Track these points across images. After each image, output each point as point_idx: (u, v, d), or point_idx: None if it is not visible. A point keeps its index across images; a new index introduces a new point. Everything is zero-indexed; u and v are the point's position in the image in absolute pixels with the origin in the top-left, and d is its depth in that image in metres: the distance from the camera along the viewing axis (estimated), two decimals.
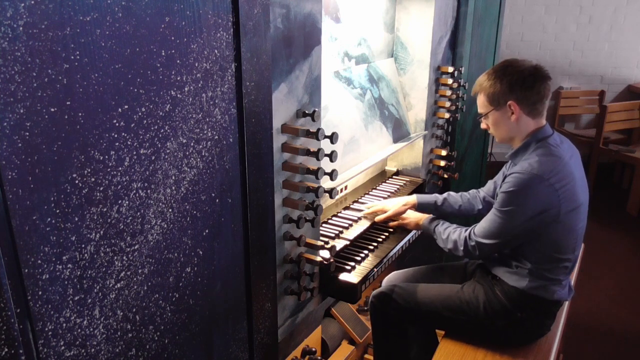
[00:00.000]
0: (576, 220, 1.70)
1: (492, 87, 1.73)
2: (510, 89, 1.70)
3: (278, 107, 1.26)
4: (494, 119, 1.77)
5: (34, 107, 0.71)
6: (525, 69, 1.70)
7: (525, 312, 1.76)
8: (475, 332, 1.85)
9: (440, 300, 1.85)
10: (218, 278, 1.13)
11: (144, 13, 0.84)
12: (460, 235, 1.80)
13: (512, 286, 1.76)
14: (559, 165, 1.64)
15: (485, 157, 3.34)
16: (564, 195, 1.63)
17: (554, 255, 1.71)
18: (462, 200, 2.07)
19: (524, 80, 1.68)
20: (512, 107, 1.71)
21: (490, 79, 1.74)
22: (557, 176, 1.62)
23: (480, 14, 2.68)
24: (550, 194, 1.62)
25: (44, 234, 0.76)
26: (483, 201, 2.06)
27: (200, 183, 1.03)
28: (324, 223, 1.87)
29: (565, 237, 1.70)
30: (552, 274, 1.73)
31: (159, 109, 0.90)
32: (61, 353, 0.82)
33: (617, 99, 5.38)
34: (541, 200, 1.62)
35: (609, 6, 5.14)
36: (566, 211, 1.65)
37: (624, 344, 2.86)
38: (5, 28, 0.66)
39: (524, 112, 1.71)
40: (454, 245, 1.81)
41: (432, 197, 2.07)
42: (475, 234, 1.76)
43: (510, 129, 1.76)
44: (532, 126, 1.74)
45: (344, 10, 1.89)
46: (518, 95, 1.69)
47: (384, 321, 1.95)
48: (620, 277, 3.52)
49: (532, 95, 1.69)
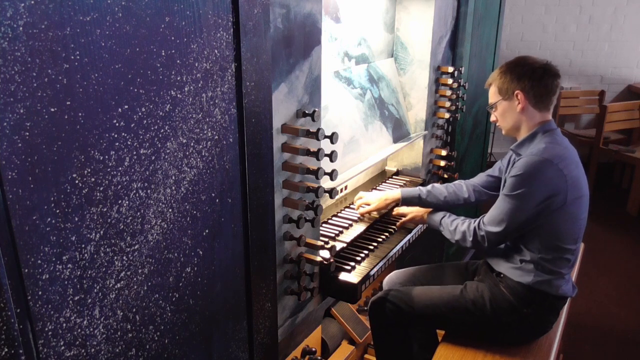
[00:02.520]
0: (580, 210, 1.74)
1: (502, 79, 1.79)
2: (519, 79, 1.75)
3: (278, 107, 1.26)
4: (502, 109, 1.83)
5: (34, 107, 0.71)
6: (536, 63, 1.77)
7: (531, 307, 1.77)
8: (481, 331, 1.84)
9: (444, 303, 1.85)
10: (218, 278, 1.13)
11: (144, 13, 0.84)
12: (469, 226, 1.82)
13: (517, 282, 1.77)
14: (567, 152, 1.70)
15: (485, 157, 3.34)
16: (571, 182, 1.67)
17: (558, 244, 1.74)
18: (447, 192, 2.06)
19: (533, 72, 1.74)
20: (519, 97, 1.76)
21: (501, 71, 1.81)
22: (564, 161, 1.66)
23: (480, 14, 2.68)
24: (559, 178, 1.65)
25: (44, 234, 0.76)
26: (473, 191, 2.07)
27: (200, 183, 1.03)
28: (324, 223, 1.87)
29: (570, 226, 1.73)
30: (556, 266, 1.75)
31: (159, 109, 0.90)
32: (61, 353, 0.82)
33: (617, 99, 5.38)
34: (551, 184, 1.65)
35: (609, 6, 5.14)
36: (572, 198, 1.68)
37: (624, 344, 2.86)
38: (5, 28, 0.66)
39: (530, 103, 1.76)
40: (462, 236, 1.83)
41: (416, 190, 2.07)
42: (484, 223, 1.78)
43: (516, 119, 1.80)
44: (537, 118, 1.78)
45: (344, 10, 1.89)
46: (525, 86, 1.74)
47: (384, 326, 1.95)
48: (620, 277, 3.52)
49: (539, 87, 1.74)
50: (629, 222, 4.38)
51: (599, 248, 3.85)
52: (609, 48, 5.27)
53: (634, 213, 4.46)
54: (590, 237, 3.73)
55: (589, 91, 5.32)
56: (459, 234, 1.84)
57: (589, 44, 5.29)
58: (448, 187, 2.09)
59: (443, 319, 1.87)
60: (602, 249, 3.86)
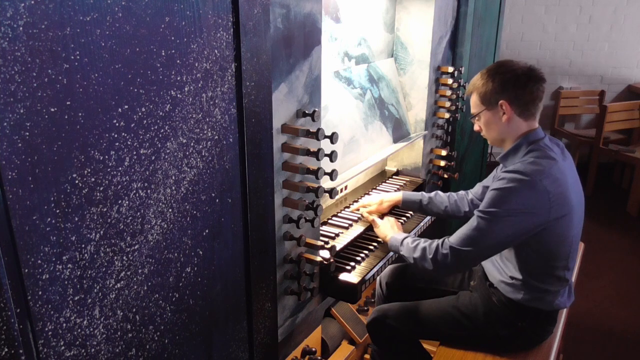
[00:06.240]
0: (567, 228, 1.62)
1: (485, 87, 1.67)
2: (503, 88, 1.63)
3: (278, 107, 1.26)
4: (486, 120, 1.71)
5: (34, 107, 0.71)
6: (519, 69, 1.64)
7: (526, 321, 1.72)
8: (478, 342, 1.81)
9: (438, 317, 1.82)
10: (218, 278, 1.13)
11: (144, 13, 0.84)
12: (431, 244, 1.68)
13: (508, 297, 1.72)
14: (553, 167, 1.56)
15: (485, 157, 3.34)
16: (556, 200, 1.54)
17: (548, 264, 1.65)
18: (448, 202, 2.03)
19: (516, 79, 1.62)
20: (504, 107, 1.64)
21: (482, 78, 1.68)
22: (549, 178, 1.53)
23: (480, 14, 2.68)
24: (541, 197, 1.53)
25: (44, 234, 0.76)
26: (471, 203, 2.01)
27: (200, 183, 1.03)
28: (324, 223, 1.87)
29: (557, 246, 1.63)
30: (547, 284, 1.67)
31: (159, 109, 0.90)
32: (61, 353, 0.82)
33: (617, 99, 5.38)
34: (529, 204, 1.53)
35: (609, 6, 5.14)
36: (556, 217, 1.57)
37: (624, 344, 2.86)
38: (5, 28, 0.66)
39: (516, 112, 1.65)
40: (422, 254, 1.67)
41: (418, 195, 2.04)
42: (449, 240, 1.64)
43: (501, 130, 1.69)
44: (523, 128, 1.67)
45: (344, 10, 1.89)
46: (510, 95, 1.63)
47: (384, 343, 1.95)
48: (620, 277, 3.52)
49: (525, 95, 1.63)
50: (629, 222, 4.38)
51: (599, 248, 3.85)
52: (609, 48, 5.27)
53: (634, 213, 4.46)
54: (590, 237, 3.74)
55: (589, 91, 5.33)
56: (418, 251, 1.68)
57: (589, 44, 5.29)
58: (450, 197, 2.04)
59: (438, 334, 1.85)
60: (602, 249, 3.86)
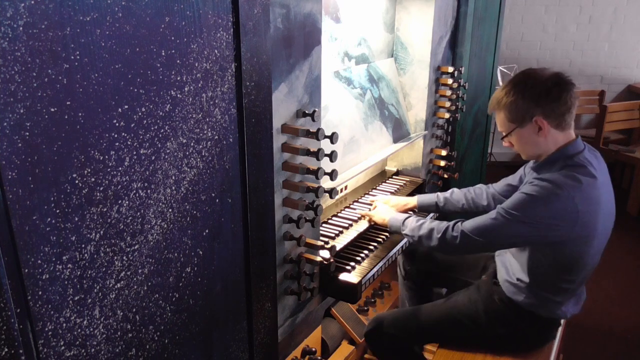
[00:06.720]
0: (586, 248, 1.56)
1: (514, 103, 1.56)
2: (535, 102, 1.53)
3: (278, 107, 1.26)
4: (519, 137, 1.60)
5: (34, 107, 0.71)
6: (548, 79, 1.54)
7: (525, 323, 1.72)
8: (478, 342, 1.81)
9: (438, 319, 1.82)
10: (218, 278, 1.13)
11: (144, 13, 0.84)
12: (439, 224, 1.65)
13: (509, 298, 1.71)
14: (590, 185, 1.49)
15: (485, 157, 3.34)
16: (582, 219, 1.49)
17: (558, 276, 1.62)
18: (465, 199, 2.01)
19: (548, 91, 1.52)
20: (539, 123, 1.54)
21: (509, 94, 1.56)
22: (582, 196, 1.47)
23: (480, 14, 2.68)
24: (569, 213, 1.47)
25: (44, 234, 0.76)
26: (492, 199, 1.97)
27: (200, 183, 1.03)
28: (324, 223, 1.87)
29: (572, 262, 1.59)
30: (551, 293, 1.65)
31: (159, 109, 0.90)
32: (61, 353, 0.82)
33: (617, 99, 5.38)
34: (555, 216, 1.48)
35: (609, 6, 5.14)
36: (577, 236, 1.52)
37: (624, 344, 2.86)
38: (5, 28, 0.66)
39: (552, 125, 1.55)
40: (428, 233, 1.64)
41: (433, 198, 2.04)
42: (462, 225, 1.62)
43: (539, 146, 1.59)
44: (561, 140, 1.58)
45: (344, 10, 1.89)
46: (545, 109, 1.53)
47: (384, 353, 1.94)
48: (620, 277, 3.52)
49: (560, 107, 1.53)
50: (629, 222, 4.38)
51: None
52: (609, 48, 5.28)
53: (634, 213, 4.45)
54: None
55: (589, 91, 5.33)
56: (425, 229, 1.66)
57: (589, 44, 5.29)
58: (467, 195, 2.02)
59: (438, 335, 1.85)
60: None
